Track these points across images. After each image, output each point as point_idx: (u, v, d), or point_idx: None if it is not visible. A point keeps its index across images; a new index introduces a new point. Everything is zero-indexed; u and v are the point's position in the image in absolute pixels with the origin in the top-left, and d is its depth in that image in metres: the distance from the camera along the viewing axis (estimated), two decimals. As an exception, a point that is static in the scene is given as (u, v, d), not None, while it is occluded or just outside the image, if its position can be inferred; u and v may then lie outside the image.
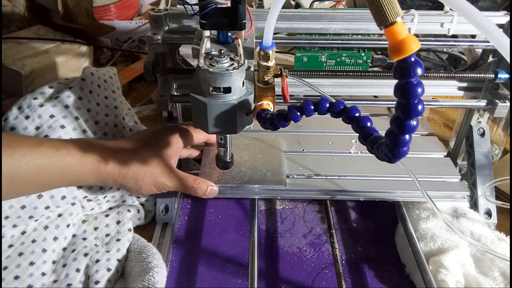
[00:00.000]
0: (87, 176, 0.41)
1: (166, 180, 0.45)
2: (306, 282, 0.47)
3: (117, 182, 0.43)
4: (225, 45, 0.39)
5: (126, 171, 0.43)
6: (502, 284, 0.43)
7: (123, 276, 0.45)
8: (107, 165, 0.42)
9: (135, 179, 0.44)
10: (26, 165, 0.37)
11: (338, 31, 0.50)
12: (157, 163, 0.45)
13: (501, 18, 0.49)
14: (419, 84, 0.25)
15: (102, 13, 0.91)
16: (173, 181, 0.46)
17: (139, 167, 0.44)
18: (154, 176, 0.44)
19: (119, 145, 0.45)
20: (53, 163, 0.38)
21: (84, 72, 0.51)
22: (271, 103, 0.39)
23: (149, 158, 0.44)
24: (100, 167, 0.41)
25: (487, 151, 0.55)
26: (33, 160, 0.37)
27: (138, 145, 0.45)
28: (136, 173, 0.43)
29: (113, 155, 0.42)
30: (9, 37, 0.77)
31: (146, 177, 0.44)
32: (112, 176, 0.43)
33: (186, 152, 0.53)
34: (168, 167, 0.45)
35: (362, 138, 0.32)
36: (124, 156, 0.43)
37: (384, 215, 0.55)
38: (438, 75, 0.52)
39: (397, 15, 0.25)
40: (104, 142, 0.45)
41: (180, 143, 0.48)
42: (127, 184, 0.44)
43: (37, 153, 0.38)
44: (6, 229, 0.44)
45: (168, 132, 0.48)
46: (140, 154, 0.44)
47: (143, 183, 0.44)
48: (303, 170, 0.55)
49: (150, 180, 0.44)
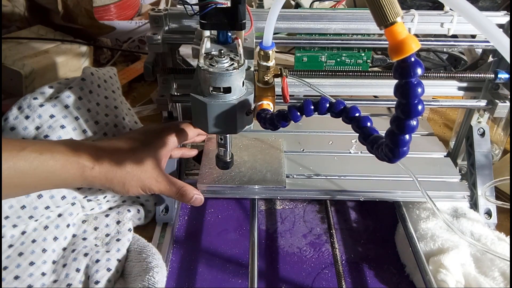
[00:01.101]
0: (72, 180, 0.41)
1: (153, 184, 0.45)
2: (306, 282, 0.47)
3: (104, 186, 0.43)
4: (225, 45, 0.39)
5: (113, 175, 0.42)
6: (502, 284, 0.43)
7: (123, 276, 0.45)
8: (92, 169, 0.41)
9: (122, 184, 0.43)
10: (8, 169, 0.36)
11: (338, 31, 0.50)
12: (145, 167, 0.44)
13: (501, 18, 0.49)
14: (419, 84, 0.25)
15: (102, 13, 0.91)
16: (159, 186, 0.45)
17: (126, 171, 0.43)
18: (141, 180, 0.44)
19: (108, 147, 0.44)
20: (36, 167, 0.38)
21: (84, 72, 0.51)
22: (271, 103, 0.39)
23: (137, 161, 0.44)
24: (85, 171, 0.41)
25: (487, 151, 0.55)
26: (15, 164, 0.37)
27: (128, 146, 0.45)
28: (123, 177, 0.43)
29: (99, 159, 0.42)
30: (9, 37, 0.77)
31: (133, 181, 0.44)
32: (98, 180, 0.42)
33: (178, 152, 0.52)
34: (157, 171, 0.45)
35: (362, 138, 0.32)
36: (111, 159, 0.43)
37: (384, 215, 0.55)
38: (438, 75, 0.52)
39: (397, 15, 0.25)
40: (92, 143, 0.44)
41: (171, 143, 0.47)
42: (114, 188, 0.43)
43: (19, 157, 0.37)
44: (6, 229, 0.44)
45: (159, 132, 0.47)
46: (127, 159, 0.43)
47: (130, 187, 0.44)
48: (303, 170, 0.55)
49: (137, 184, 0.44)
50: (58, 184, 0.42)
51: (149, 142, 0.46)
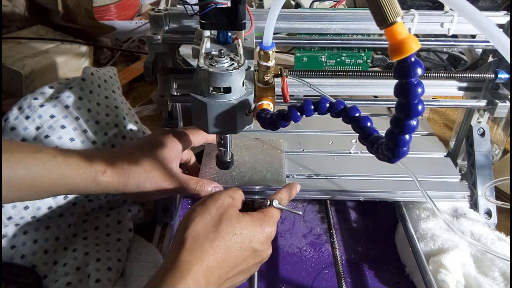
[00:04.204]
0: (85, 184, 0.41)
1: (168, 184, 0.44)
2: (306, 282, 0.47)
3: (119, 191, 0.43)
4: (225, 45, 0.39)
5: (126, 178, 0.42)
6: (502, 284, 0.43)
7: (123, 276, 0.45)
8: (104, 173, 0.41)
9: (136, 186, 0.43)
10: (22, 169, 0.37)
11: (338, 31, 0.50)
12: (158, 168, 0.44)
13: (501, 18, 0.49)
14: (419, 84, 0.25)
15: (102, 13, 0.91)
16: (175, 185, 0.45)
17: (139, 173, 0.43)
18: (155, 181, 0.44)
19: (117, 154, 0.44)
20: (49, 170, 0.39)
21: (84, 72, 0.51)
22: (271, 103, 0.39)
23: (149, 164, 0.44)
24: (97, 176, 0.41)
25: (487, 151, 0.55)
26: (29, 165, 0.38)
27: (137, 152, 0.45)
28: (137, 180, 0.43)
29: (111, 164, 0.42)
30: (9, 37, 0.77)
31: (148, 183, 0.43)
32: (112, 184, 0.42)
33: (187, 155, 0.53)
34: (169, 171, 0.45)
35: (362, 138, 0.32)
36: (123, 164, 0.43)
37: (384, 215, 0.55)
38: (438, 75, 0.52)
39: (397, 15, 0.25)
40: (102, 151, 0.45)
41: (179, 146, 0.47)
42: (129, 191, 0.43)
43: (33, 158, 0.38)
44: (8, 228, 0.44)
45: (165, 137, 0.47)
46: (139, 161, 0.43)
47: (145, 189, 0.43)
48: (303, 170, 0.55)
49: (152, 186, 0.44)
50: (70, 189, 0.42)
51: (159, 144, 0.46)
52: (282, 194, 0.43)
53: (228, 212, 0.38)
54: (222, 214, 0.38)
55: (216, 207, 0.38)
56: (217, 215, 0.37)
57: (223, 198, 0.39)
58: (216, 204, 0.38)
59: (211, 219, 0.37)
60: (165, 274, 0.33)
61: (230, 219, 0.37)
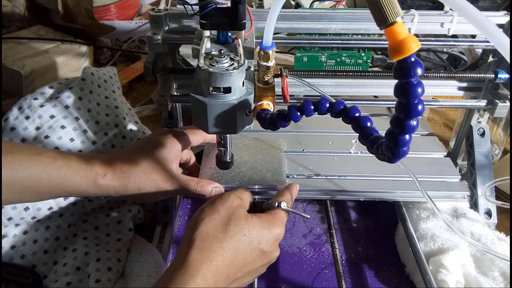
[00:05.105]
0: (85, 187, 0.41)
1: (169, 186, 0.44)
2: (306, 282, 0.47)
3: (119, 193, 0.43)
4: (225, 45, 0.39)
5: (126, 181, 0.43)
6: (502, 284, 0.43)
7: (123, 276, 0.45)
8: (105, 176, 0.42)
9: (137, 189, 0.43)
10: (23, 171, 0.38)
11: (338, 31, 0.50)
12: (158, 170, 0.44)
13: (501, 18, 0.49)
14: (419, 84, 0.25)
15: (102, 13, 0.91)
16: (175, 186, 0.45)
17: (139, 176, 0.43)
18: (155, 183, 0.44)
19: (117, 156, 0.44)
20: (50, 173, 0.39)
21: (84, 72, 0.51)
22: (271, 103, 0.39)
23: (149, 166, 0.44)
24: (98, 179, 0.41)
25: (487, 151, 0.55)
26: (30, 167, 0.38)
27: (136, 154, 0.45)
28: (138, 182, 0.43)
29: (111, 167, 0.42)
30: (9, 37, 0.77)
31: (148, 185, 0.43)
32: (112, 187, 0.42)
33: (187, 155, 0.53)
34: (169, 172, 0.45)
35: (362, 138, 0.32)
36: (123, 167, 0.43)
37: (384, 215, 0.55)
38: (438, 75, 0.52)
39: (397, 15, 0.25)
40: (102, 154, 0.45)
41: (179, 146, 0.47)
42: (130, 194, 0.43)
43: (35, 161, 0.38)
44: (8, 228, 0.44)
45: (164, 137, 0.47)
46: (139, 163, 0.44)
47: (146, 192, 0.44)
48: (303, 170, 0.55)
49: (153, 188, 0.44)
50: (71, 192, 0.42)
51: (159, 144, 0.46)
52: (286, 196, 0.43)
53: (237, 213, 0.38)
54: (231, 214, 0.38)
55: (225, 208, 0.38)
56: (226, 216, 0.37)
57: (232, 199, 0.39)
58: (225, 205, 0.38)
59: (220, 219, 0.37)
60: (174, 273, 0.33)
61: (239, 220, 0.37)
